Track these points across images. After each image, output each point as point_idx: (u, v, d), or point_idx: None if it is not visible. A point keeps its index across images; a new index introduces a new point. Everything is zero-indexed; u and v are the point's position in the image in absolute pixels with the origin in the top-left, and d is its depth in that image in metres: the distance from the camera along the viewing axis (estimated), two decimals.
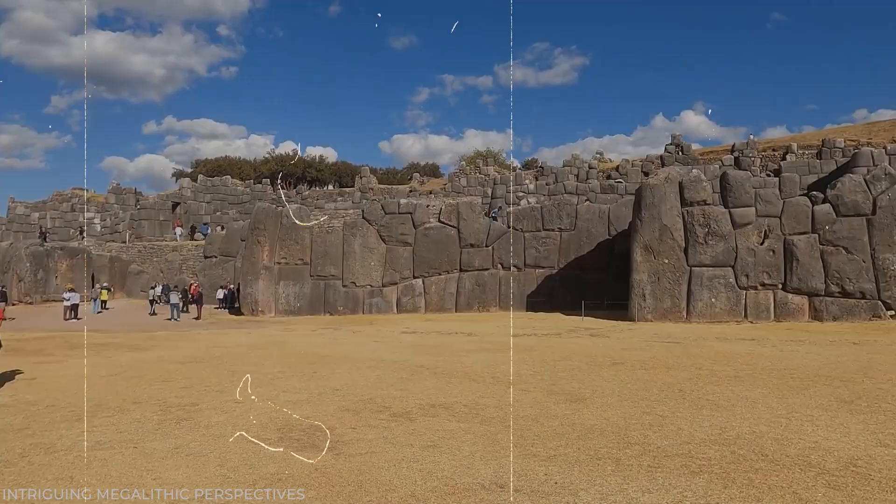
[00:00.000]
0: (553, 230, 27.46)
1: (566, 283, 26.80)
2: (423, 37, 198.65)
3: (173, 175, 75.07)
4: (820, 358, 13.14)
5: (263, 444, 6.90)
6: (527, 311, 26.50)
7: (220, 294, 31.35)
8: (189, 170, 72.09)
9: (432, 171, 71.64)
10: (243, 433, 7.28)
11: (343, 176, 69.06)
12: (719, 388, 10.05)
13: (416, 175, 53.50)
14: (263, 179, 56.73)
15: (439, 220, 28.16)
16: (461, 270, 27.48)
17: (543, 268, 27.31)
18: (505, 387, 10.34)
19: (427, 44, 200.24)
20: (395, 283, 27.55)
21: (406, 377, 11.33)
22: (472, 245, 27.45)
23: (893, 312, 20.43)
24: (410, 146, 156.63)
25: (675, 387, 10.23)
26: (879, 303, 20.59)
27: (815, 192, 22.80)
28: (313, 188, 61.23)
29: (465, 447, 6.86)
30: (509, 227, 27.67)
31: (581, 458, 6.49)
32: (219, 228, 41.21)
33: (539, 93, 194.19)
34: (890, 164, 27.95)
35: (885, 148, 32.41)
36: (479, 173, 44.78)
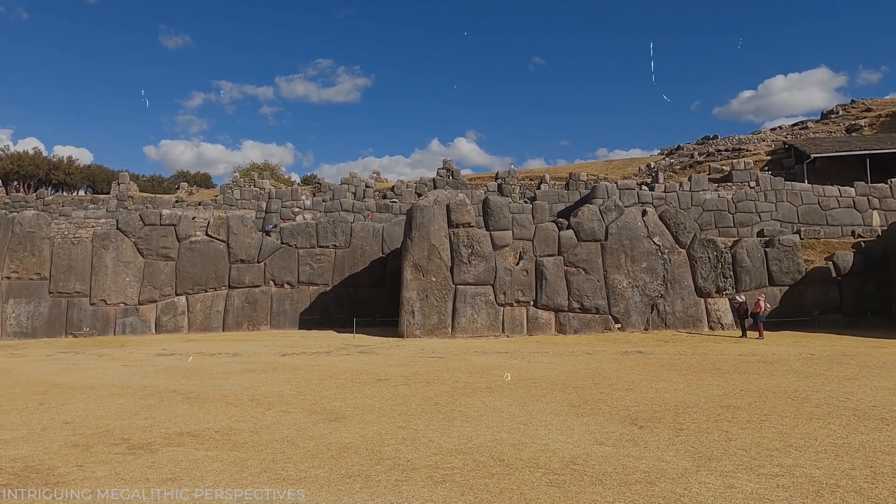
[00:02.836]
0: (328, 247, 27.37)
1: (340, 301, 26.84)
2: (199, 39, 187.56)
3: None
4: (559, 368, 14.68)
5: None
6: (300, 329, 25.99)
7: None
8: None
9: (204, 181, 67.47)
10: None
11: (98, 181, 62.14)
12: (472, 400, 10.72)
13: (185, 184, 50.03)
14: None
15: (207, 234, 26.53)
16: (230, 287, 26.13)
17: (318, 285, 27.05)
18: (264, 409, 9.98)
19: (203, 46, 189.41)
20: (155, 301, 25.31)
21: (154, 404, 10.40)
22: (242, 260, 26.28)
23: (620, 325, 23.62)
24: (181, 153, 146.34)
25: (432, 400, 10.70)
26: (610, 317, 23.68)
27: (561, 219, 25.62)
28: (59, 193, 54.14)
29: (209, 477, 6.45)
30: (283, 243, 27.00)
31: (332, 478, 6.47)
32: None
33: (321, 109, 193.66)
34: (619, 198, 32.47)
35: (616, 183, 37.58)
36: (255, 186, 43.17)
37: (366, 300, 26.81)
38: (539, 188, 41.90)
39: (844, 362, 15.11)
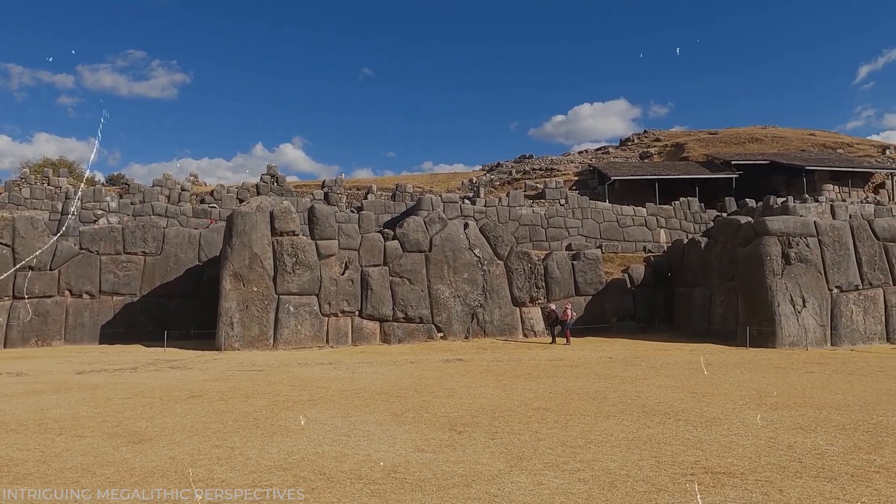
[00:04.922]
0: (136, 254, 25.22)
1: (149, 312, 24.82)
2: None
3: None
4: (383, 378, 14.78)
5: None
6: (101, 343, 23.63)
7: None
8: None
9: None
10: None
11: None
12: (293, 414, 10.43)
13: None
14: None
15: None
16: (15, 298, 23.07)
17: (123, 295, 24.79)
18: (55, 434, 8.92)
19: None
20: None
21: None
22: (31, 267, 23.33)
23: (443, 334, 24.36)
24: None
25: (251, 416, 10.25)
26: (433, 326, 24.33)
27: (387, 230, 25.92)
28: None
29: None
30: (82, 249, 24.39)
31: None
32: None
33: (132, 103, 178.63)
34: (444, 211, 33.55)
35: (440, 196, 38.84)
36: (49, 184, 38.59)
37: (180, 311, 25.05)
38: (366, 198, 42.00)
39: (637, 364, 16.89)
